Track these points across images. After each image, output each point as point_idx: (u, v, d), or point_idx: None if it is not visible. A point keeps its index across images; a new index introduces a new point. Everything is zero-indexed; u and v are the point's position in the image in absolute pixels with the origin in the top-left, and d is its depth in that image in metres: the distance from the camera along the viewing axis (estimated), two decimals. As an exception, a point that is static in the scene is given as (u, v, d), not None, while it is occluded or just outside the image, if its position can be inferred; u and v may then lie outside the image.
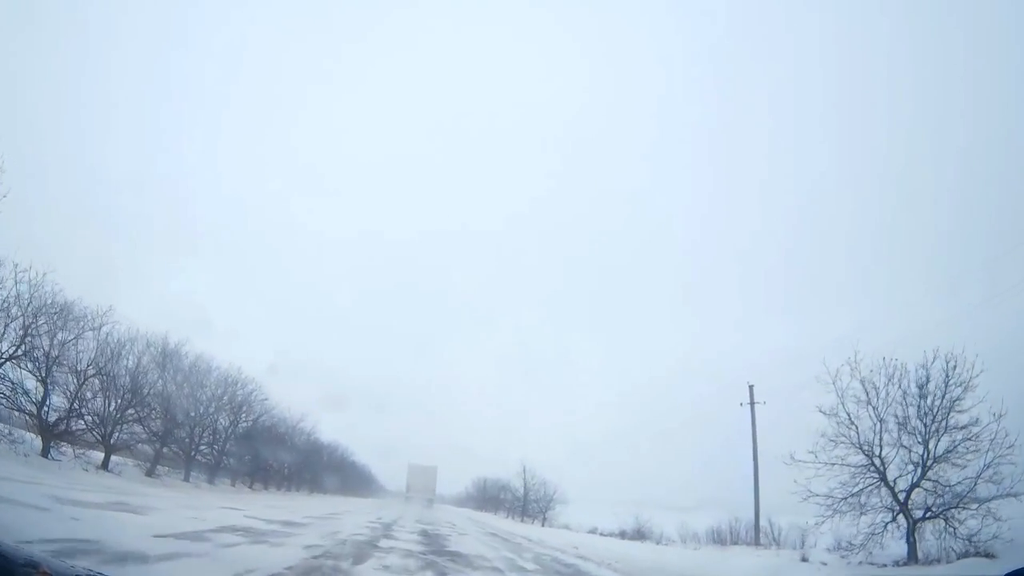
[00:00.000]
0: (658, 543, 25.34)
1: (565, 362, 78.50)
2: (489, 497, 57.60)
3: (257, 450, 35.07)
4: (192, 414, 26.74)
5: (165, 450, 26.81)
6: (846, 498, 14.08)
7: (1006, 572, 4.60)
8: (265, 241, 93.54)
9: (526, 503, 47.83)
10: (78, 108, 74.19)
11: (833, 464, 13.94)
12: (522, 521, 46.65)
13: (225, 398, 28.89)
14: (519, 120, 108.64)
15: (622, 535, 29.54)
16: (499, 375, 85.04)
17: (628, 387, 62.06)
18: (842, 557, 15.68)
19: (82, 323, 19.02)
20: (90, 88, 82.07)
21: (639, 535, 29.22)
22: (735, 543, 24.25)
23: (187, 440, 27.31)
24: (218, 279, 65.31)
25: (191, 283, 52.82)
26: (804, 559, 16.32)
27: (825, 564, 15.46)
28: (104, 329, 20.18)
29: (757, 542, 23.47)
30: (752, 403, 25.41)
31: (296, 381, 59.45)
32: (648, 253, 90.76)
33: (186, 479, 27.51)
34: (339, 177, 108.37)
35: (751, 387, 25.65)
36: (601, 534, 31.33)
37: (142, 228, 72.13)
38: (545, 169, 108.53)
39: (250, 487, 36.16)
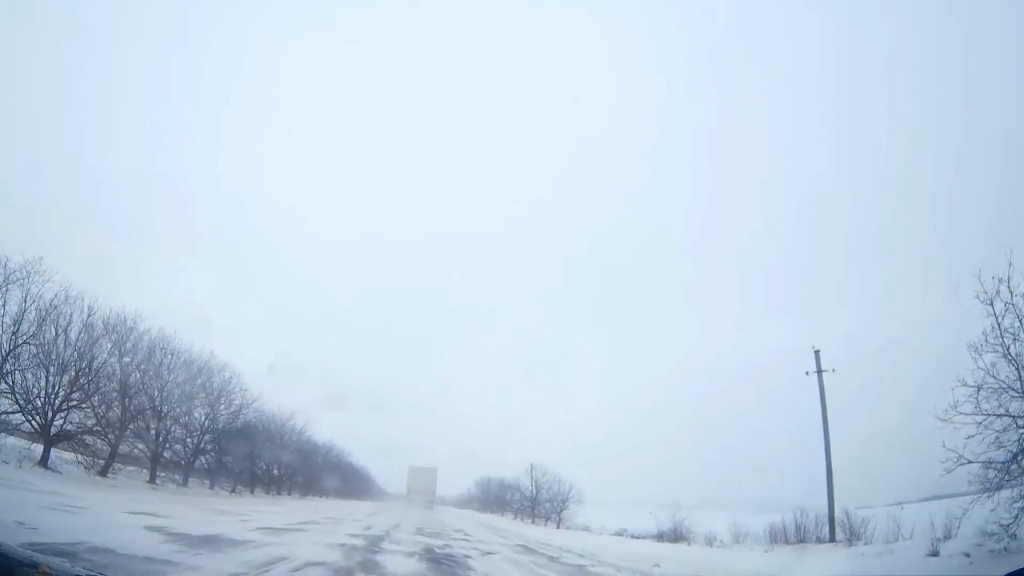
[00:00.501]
0: (711, 545, 21.74)
1: (565, 362, 76.77)
2: (494, 498, 53.94)
3: (240, 449, 31.22)
4: (157, 402, 22.82)
5: (126, 447, 23.00)
6: (1007, 462, 10.46)
7: (1006, 572, 4.90)
8: (265, 241, 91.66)
9: (536, 504, 44.14)
10: (78, 108, 71.54)
11: (999, 415, 10.30)
12: (533, 523, 43.00)
13: (198, 383, 24.93)
14: (519, 120, 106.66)
15: (660, 537, 25.87)
16: (499, 375, 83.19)
17: (628, 387, 60.62)
18: (978, 545, 12.15)
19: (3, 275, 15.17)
20: (90, 88, 79.60)
21: (678, 536, 25.63)
22: (801, 541, 20.70)
23: (153, 434, 23.38)
24: (218, 279, 63.38)
25: (191, 283, 50.93)
26: (934, 553, 12.68)
27: (968, 556, 11.82)
28: (33, 290, 16.33)
29: (832, 538, 19.95)
30: (819, 371, 21.85)
31: (296, 381, 56.89)
32: (648, 253, 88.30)
33: (151, 480, 23.57)
34: (339, 177, 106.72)
35: (817, 352, 22.12)
36: (633, 536, 27.68)
37: (142, 228, 70.54)
38: (545, 169, 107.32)
39: (232, 491, 32.28)
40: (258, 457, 34.87)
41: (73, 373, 18.12)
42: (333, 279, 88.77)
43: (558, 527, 39.77)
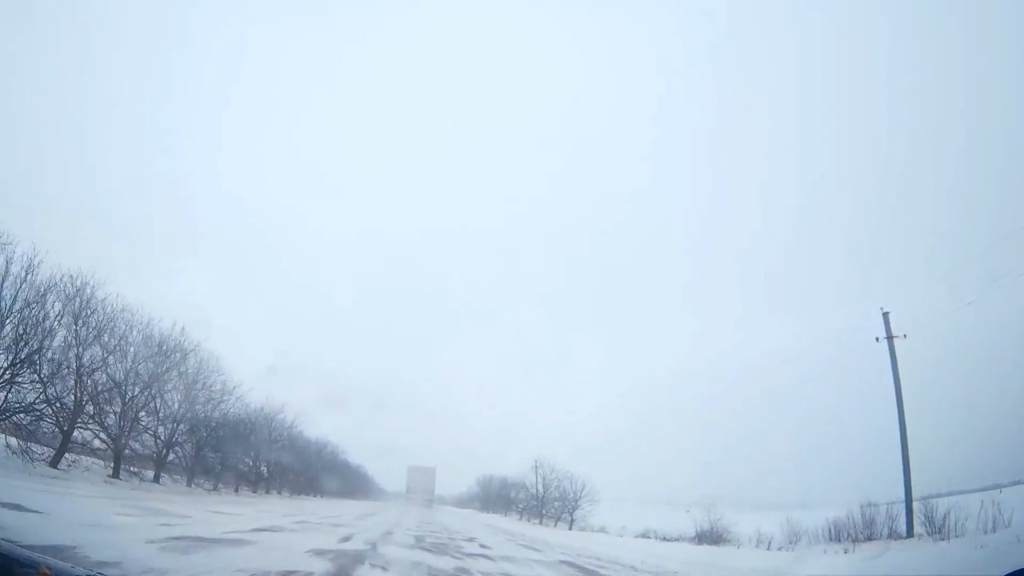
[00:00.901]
0: (768, 548, 18.65)
1: (565, 362, 76.43)
2: (496, 496, 51.02)
3: (221, 443, 27.88)
4: (120, 382, 19.41)
5: (88, 435, 19.64)
6: None
7: (1006, 573, 4.46)
8: (265, 241, 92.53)
9: (544, 503, 41.08)
10: (78, 108, 71.68)
11: None
12: (541, 523, 39.96)
13: (169, 362, 21.50)
14: (519, 120, 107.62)
15: (697, 539, 22.80)
16: (499, 375, 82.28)
17: (628, 387, 60.12)
18: None
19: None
20: (90, 88, 79.78)
21: (718, 538, 22.58)
22: (870, 539, 17.74)
23: (115, 421, 19.94)
24: (218, 279, 62.33)
25: (191, 283, 49.94)
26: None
27: None
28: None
29: (910, 533, 17.06)
30: (889, 336, 18.87)
31: (296, 381, 55.51)
32: (648, 253, 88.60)
33: (114, 475, 20.16)
34: (339, 177, 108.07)
35: (886, 314, 19.14)
36: (665, 539, 24.59)
37: (142, 228, 70.12)
38: (545, 169, 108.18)
39: (213, 489, 28.90)
40: (243, 452, 31.54)
41: (11, 338, 14.72)
42: (333, 279, 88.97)
43: (570, 528, 36.79)
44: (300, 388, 57.01)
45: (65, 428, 17.55)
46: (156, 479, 23.33)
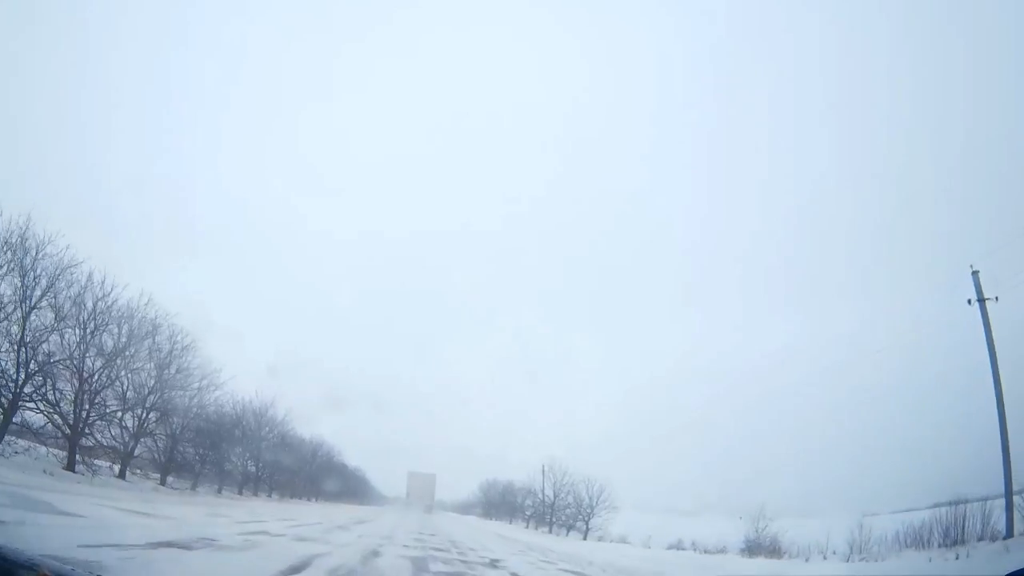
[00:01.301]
0: (847, 559, 15.68)
1: (565, 362, 75.52)
2: (500, 502, 48.03)
3: (200, 437, 24.85)
4: (76, 356, 16.35)
5: (40, 419, 16.61)
6: None
7: (1007, 572, 4.63)
8: (265, 241, 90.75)
9: (554, 510, 38.01)
10: (78, 108, 70.38)
11: None
12: (550, 532, 36.88)
13: (136, 335, 18.42)
14: (519, 120, 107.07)
15: (749, 551, 19.84)
16: (499, 375, 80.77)
17: (628, 388, 59.63)
18: None
19: None
20: (90, 88, 78.24)
21: (772, 550, 19.63)
22: (957, 542, 14.98)
23: (75, 399, 16.86)
24: (218, 279, 61.03)
25: (191, 283, 47.90)
26: None
27: None
28: None
29: (1010, 533, 14.34)
30: (981, 299, 16.06)
31: (295, 381, 54.29)
32: (648, 253, 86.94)
33: (69, 467, 17.03)
34: (340, 177, 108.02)
35: (975, 274, 16.37)
36: (705, 551, 21.57)
37: (142, 228, 67.23)
38: (545, 169, 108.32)
39: (192, 488, 25.77)
40: (227, 449, 28.44)
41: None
42: (333, 279, 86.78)
43: (584, 538, 33.72)
44: (299, 388, 56.02)
45: (6, 405, 14.49)
46: (122, 475, 20.19)
